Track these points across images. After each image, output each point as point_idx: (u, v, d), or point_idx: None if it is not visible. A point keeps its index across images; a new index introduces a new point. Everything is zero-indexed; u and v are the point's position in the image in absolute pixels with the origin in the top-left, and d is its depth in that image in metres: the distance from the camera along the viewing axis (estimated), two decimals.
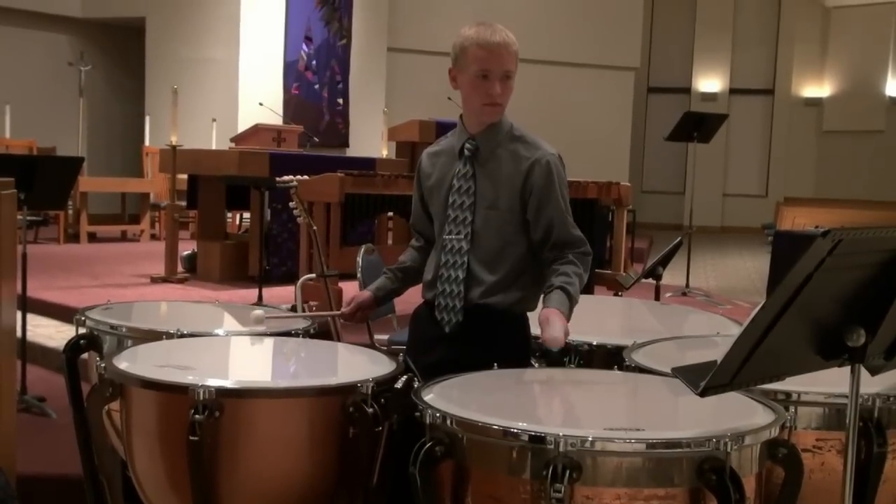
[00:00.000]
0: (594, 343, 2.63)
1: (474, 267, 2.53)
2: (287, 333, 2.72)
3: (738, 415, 1.92)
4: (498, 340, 2.50)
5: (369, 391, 2.09)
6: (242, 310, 3.15)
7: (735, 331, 2.72)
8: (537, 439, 1.76)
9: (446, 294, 2.54)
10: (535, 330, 2.46)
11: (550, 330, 2.29)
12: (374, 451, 2.14)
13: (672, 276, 7.44)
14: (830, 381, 1.98)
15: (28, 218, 4.43)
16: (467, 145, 2.56)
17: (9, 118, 10.21)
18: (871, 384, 1.93)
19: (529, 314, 2.59)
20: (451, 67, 2.54)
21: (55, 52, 12.16)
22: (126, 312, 2.92)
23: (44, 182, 4.25)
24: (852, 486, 1.74)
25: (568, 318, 2.37)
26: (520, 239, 2.54)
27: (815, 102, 17.88)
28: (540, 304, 2.49)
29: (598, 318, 3.31)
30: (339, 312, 2.80)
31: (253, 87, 11.31)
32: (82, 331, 2.73)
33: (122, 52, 12.82)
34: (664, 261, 4.26)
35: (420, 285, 2.71)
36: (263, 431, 2.09)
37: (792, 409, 2.07)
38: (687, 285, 7.88)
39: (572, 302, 2.42)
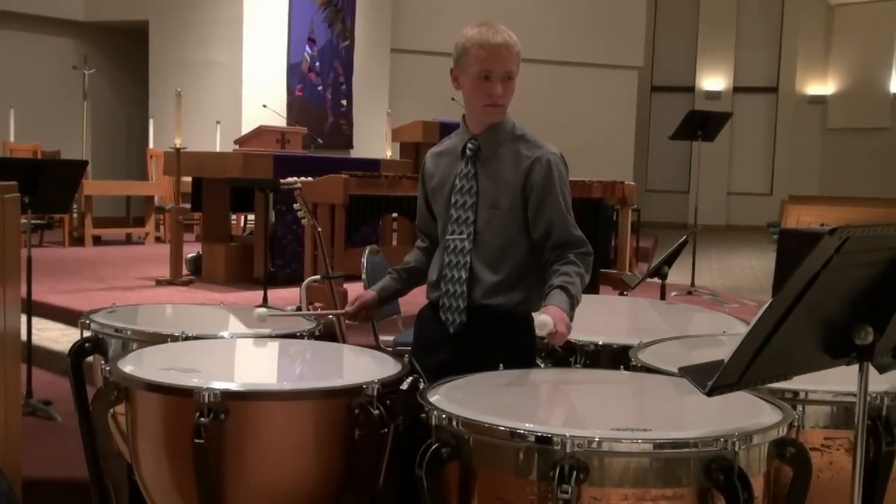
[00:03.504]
0: (600, 343, 2.62)
1: (477, 267, 2.52)
2: (292, 335, 2.72)
3: (745, 414, 1.91)
4: (503, 341, 2.49)
5: (375, 393, 2.08)
6: (247, 312, 3.14)
7: (741, 329, 2.72)
8: (544, 440, 1.75)
9: (450, 294, 2.54)
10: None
11: (542, 316, 2.25)
12: (379, 452, 2.14)
13: (677, 275, 7.40)
14: (838, 380, 1.97)
15: (33, 221, 4.44)
16: (469, 145, 2.56)
17: (13, 122, 10.23)
18: (879, 382, 1.92)
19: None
20: (453, 68, 2.53)
21: (59, 55, 12.18)
22: (131, 315, 2.91)
23: (48, 185, 4.25)
24: (861, 485, 1.73)
25: (570, 317, 2.35)
26: (522, 239, 2.53)
27: (819, 100, 17.86)
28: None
29: (603, 317, 3.31)
30: (342, 311, 2.80)
31: (256, 89, 11.32)
32: (87, 334, 2.72)
33: (125, 56, 12.84)
34: (669, 260, 4.25)
35: (425, 287, 2.70)
36: (269, 434, 2.08)
37: (800, 407, 2.06)
38: (692, 284, 7.87)
39: (573, 301, 2.39)
